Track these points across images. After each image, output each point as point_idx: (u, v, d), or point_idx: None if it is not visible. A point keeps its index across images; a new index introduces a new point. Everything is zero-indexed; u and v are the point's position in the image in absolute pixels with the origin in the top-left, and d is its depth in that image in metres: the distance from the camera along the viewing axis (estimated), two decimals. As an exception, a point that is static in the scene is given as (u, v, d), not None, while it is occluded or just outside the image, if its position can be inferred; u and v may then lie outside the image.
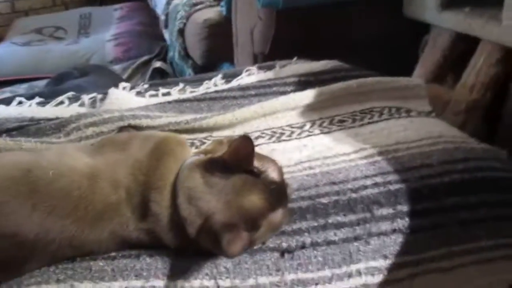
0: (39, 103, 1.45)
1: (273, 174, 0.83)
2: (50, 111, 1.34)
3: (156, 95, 1.42)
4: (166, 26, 2.84)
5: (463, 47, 1.77)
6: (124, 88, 1.42)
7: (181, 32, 2.54)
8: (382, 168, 1.00)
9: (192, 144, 1.16)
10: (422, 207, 0.94)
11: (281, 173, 0.85)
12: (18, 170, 0.81)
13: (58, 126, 1.20)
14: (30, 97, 1.65)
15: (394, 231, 0.90)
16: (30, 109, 1.39)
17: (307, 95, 1.27)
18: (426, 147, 1.07)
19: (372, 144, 1.09)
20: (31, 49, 3.68)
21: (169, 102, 1.30)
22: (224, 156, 0.81)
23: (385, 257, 0.89)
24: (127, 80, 3.00)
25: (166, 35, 2.91)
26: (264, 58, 2.06)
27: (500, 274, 1.02)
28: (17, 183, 0.78)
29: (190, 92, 1.43)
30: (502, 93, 1.61)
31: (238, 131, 1.23)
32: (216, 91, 1.34)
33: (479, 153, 1.06)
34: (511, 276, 1.04)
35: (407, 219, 0.92)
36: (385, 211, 0.92)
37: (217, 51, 2.38)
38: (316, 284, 0.86)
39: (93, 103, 1.40)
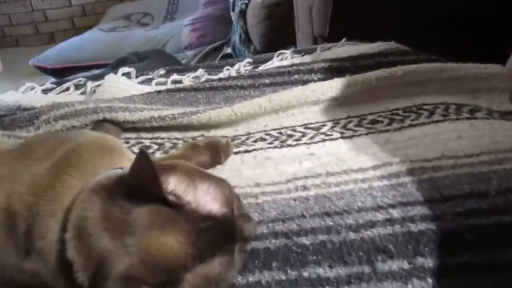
0: (45, 90, 1.30)
1: (208, 205, 0.55)
2: (43, 99, 1.17)
3: (165, 83, 1.20)
4: (233, 9, 2.60)
5: None
6: (125, 73, 1.21)
7: (243, 13, 2.30)
8: (406, 195, 0.68)
9: (174, 146, 0.92)
10: (458, 262, 0.61)
11: (227, 201, 0.57)
12: None
13: (32, 118, 1.02)
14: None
15: (406, 297, 0.59)
16: (30, 96, 1.22)
17: (332, 86, 0.96)
18: (485, 165, 0.72)
19: (404, 156, 0.76)
20: (112, 35, 3.68)
21: (158, 92, 1.05)
22: (125, 177, 0.56)
23: (389, 337, 0.58)
24: (194, 67, 2.84)
25: (233, 17, 2.69)
26: (325, 42, 1.75)
27: None
28: None
29: (205, 81, 1.18)
30: None
31: (241, 130, 0.96)
32: (220, 79, 1.08)
33: None
34: None
35: (430, 280, 0.59)
36: (395, 265, 0.60)
37: (278, 34, 2.10)
38: None
39: (95, 91, 1.21)
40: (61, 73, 3.41)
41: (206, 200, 0.56)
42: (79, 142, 0.67)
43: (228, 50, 2.94)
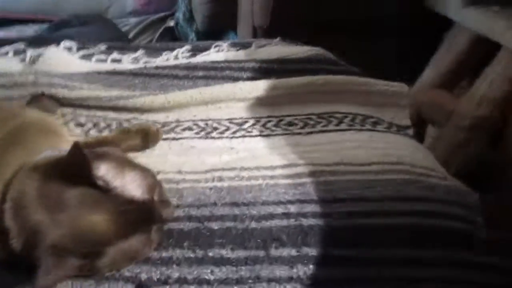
0: (-18, 52, 1.31)
1: (132, 191, 0.65)
2: (-19, 63, 1.19)
3: (105, 61, 1.25)
4: (180, -15, 2.63)
5: (483, 52, 1.51)
6: (67, 47, 1.25)
7: (189, -8, 2.34)
8: (304, 194, 0.81)
9: (108, 126, 1.00)
10: (337, 254, 0.74)
11: (150, 188, 0.67)
12: None
13: (-32, 84, 1.05)
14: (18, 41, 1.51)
15: (290, 279, 0.71)
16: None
17: (258, 87, 1.07)
18: (372, 174, 0.86)
19: (309, 159, 0.89)
20: (53, -11, 3.56)
21: (98, 73, 1.12)
22: (62, 162, 0.64)
23: (273, 309, 0.71)
24: (135, 37, 2.84)
25: (181, -8, 2.71)
26: (264, 33, 1.86)
27: None
28: None
29: (143, 63, 1.25)
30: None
31: (172, 117, 1.05)
32: (156, 67, 1.16)
33: (439, 193, 0.84)
34: None
35: (311, 266, 0.72)
36: (285, 251, 0.73)
37: (221, 18, 2.18)
38: (176, 330, 0.68)
39: (35, 60, 1.24)
40: (-7, 23, 3.26)
41: (131, 186, 0.65)
42: (25, 121, 0.74)
43: (171, 24, 2.96)
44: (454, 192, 0.86)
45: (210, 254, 0.72)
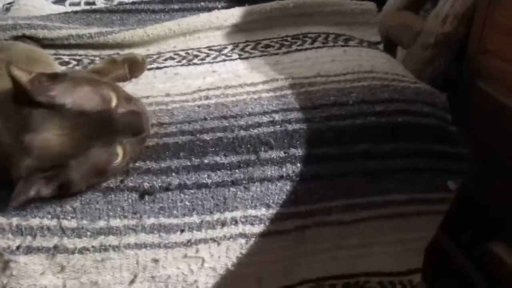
0: (-48, 5, 1.31)
1: (84, 104, 0.67)
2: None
3: (78, 4, 1.27)
4: None
5: (445, -30, 1.56)
6: (39, -8, 1.26)
7: None
8: (287, 104, 0.87)
9: (92, 62, 1.03)
10: (320, 153, 0.81)
11: (105, 101, 0.69)
12: None
13: None
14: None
15: (281, 177, 0.78)
16: None
17: (234, 14, 1.11)
18: (348, 82, 0.92)
19: (288, 75, 0.94)
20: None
21: (75, 12, 1.14)
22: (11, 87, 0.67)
23: (268, 206, 0.78)
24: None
25: None
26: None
27: (414, 232, 0.91)
28: None
29: (118, 3, 1.27)
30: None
31: (152, 50, 1.09)
32: (133, 2, 1.18)
33: (409, 94, 0.91)
34: (427, 234, 0.93)
35: (299, 165, 0.79)
36: (274, 154, 0.79)
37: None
38: (182, 230, 0.75)
39: (8, 8, 1.25)
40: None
41: (82, 101, 0.68)
42: (11, 53, 0.77)
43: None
44: (424, 93, 0.93)
45: (206, 161, 0.78)
